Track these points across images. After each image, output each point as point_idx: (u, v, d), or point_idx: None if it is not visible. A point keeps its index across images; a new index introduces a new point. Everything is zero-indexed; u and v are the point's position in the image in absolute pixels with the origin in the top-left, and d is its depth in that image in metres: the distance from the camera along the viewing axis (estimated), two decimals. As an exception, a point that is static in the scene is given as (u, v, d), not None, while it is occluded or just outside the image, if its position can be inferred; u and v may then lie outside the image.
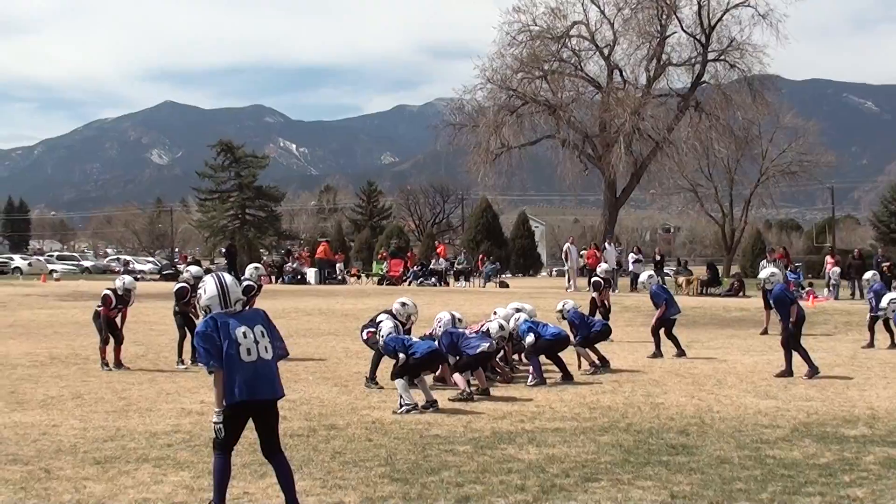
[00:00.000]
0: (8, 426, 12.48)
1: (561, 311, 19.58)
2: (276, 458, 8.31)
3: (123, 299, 19.35)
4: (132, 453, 11.05)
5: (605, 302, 24.57)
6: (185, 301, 19.45)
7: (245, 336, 8.09)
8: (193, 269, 21.08)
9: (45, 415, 13.66)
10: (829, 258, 47.40)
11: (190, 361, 19.13)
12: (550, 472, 10.10)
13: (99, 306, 19.32)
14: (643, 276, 23.01)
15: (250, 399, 8.06)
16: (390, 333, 14.99)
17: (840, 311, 33.16)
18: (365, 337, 16.64)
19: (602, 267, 26.55)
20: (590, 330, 19.20)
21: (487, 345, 15.54)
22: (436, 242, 69.38)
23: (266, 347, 8.21)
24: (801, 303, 25.60)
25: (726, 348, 22.89)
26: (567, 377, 17.14)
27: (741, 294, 42.94)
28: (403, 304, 16.49)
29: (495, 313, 18.50)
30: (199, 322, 8.40)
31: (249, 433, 8.52)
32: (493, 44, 62.18)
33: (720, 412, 13.87)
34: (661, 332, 21.18)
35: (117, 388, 16.28)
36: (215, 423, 8.14)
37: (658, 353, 20.87)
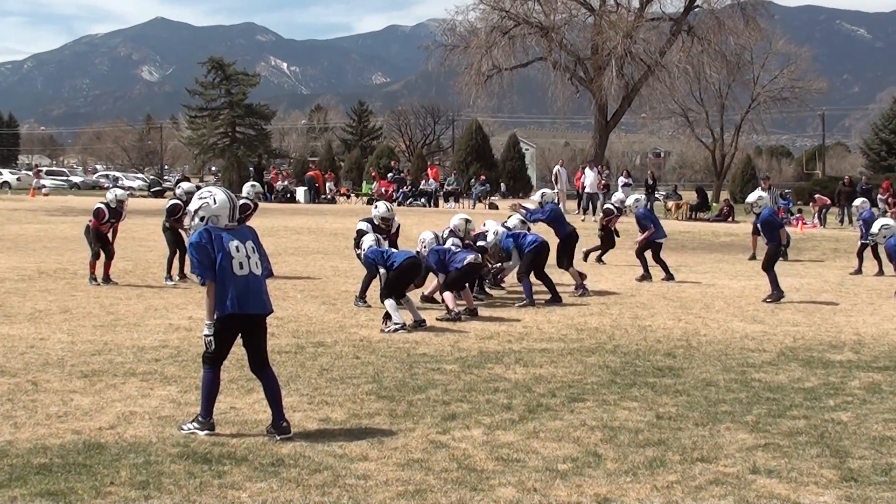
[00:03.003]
0: (-5, 339, 12.49)
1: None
2: (264, 372, 8.44)
3: (116, 212, 19.22)
4: (119, 367, 11.07)
5: (613, 229, 24.19)
6: (176, 217, 19.35)
7: (238, 250, 8.21)
8: (185, 185, 20.87)
9: (33, 328, 13.66)
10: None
11: (178, 277, 19.14)
12: (537, 391, 10.14)
13: (91, 220, 19.21)
14: (629, 200, 22.86)
15: (241, 312, 8.17)
16: (371, 247, 14.99)
17: (828, 238, 33.26)
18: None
19: (617, 196, 26.42)
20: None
21: (473, 256, 15.52)
22: (427, 164, 69.02)
23: (256, 263, 8.34)
24: (790, 229, 25.65)
25: (714, 273, 22.94)
26: (555, 299, 17.15)
27: (730, 219, 43.03)
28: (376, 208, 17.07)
29: (484, 224, 18.55)
30: (193, 233, 8.41)
31: (237, 349, 8.54)
32: (488, -37, 61.47)
33: (707, 335, 13.93)
34: (649, 255, 21.20)
35: (105, 302, 16.27)
36: (206, 335, 8.22)
37: (647, 276, 20.88)
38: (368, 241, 15.25)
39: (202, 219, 8.34)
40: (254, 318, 8.35)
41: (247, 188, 21.42)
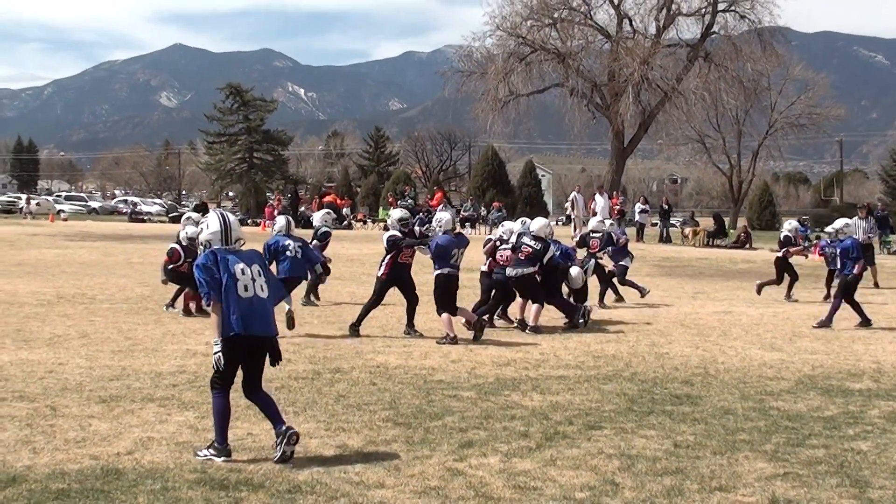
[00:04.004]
0: (15, 363, 12.52)
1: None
2: (258, 395, 8.66)
3: (190, 251, 18.63)
4: (137, 393, 11.09)
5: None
6: (176, 265, 19.08)
7: (243, 273, 8.42)
8: (190, 229, 20.07)
9: (52, 353, 13.70)
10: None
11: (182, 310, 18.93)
12: (554, 419, 10.12)
13: (165, 259, 19.31)
14: (592, 223, 22.77)
15: (245, 333, 8.31)
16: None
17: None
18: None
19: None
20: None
21: (447, 270, 15.76)
22: (434, 189, 68.92)
23: (262, 286, 8.54)
24: (809, 255, 25.54)
25: (732, 300, 22.88)
26: (573, 325, 17.17)
27: (748, 246, 42.93)
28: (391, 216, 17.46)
29: (502, 225, 18.68)
30: (200, 255, 8.66)
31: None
32: (504, -10, 61.65)
33: (725, 363, 13.88)
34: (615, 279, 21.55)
35: (123, 328, 16.32)
36: (215, 352, 8.38)
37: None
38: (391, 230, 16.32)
39: (202, 244, 8.64)
40: (258, 339, 8.46)
41: (322, 216, 21.47)
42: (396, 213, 17.25)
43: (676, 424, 9.95)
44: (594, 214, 43.64)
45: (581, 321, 17.35)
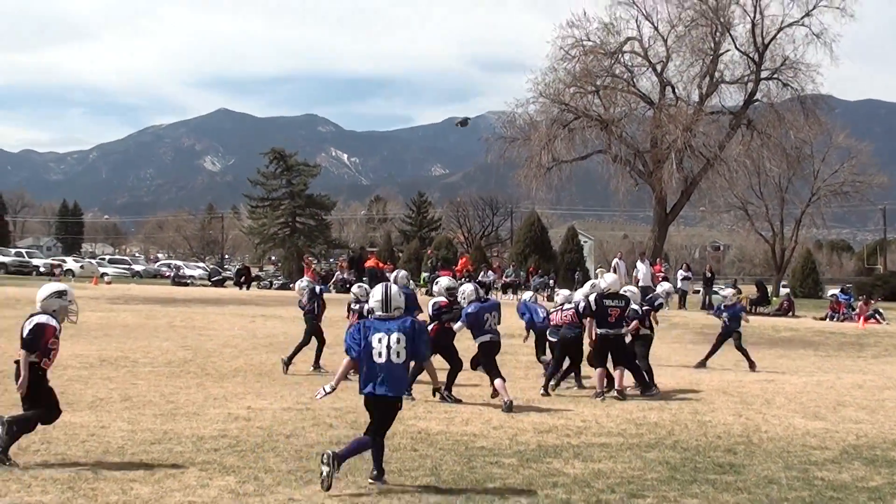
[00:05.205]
0: (57, 426, 12.57)
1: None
2: (375, 440, 9.96)
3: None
4: (179, 456, 11.12)
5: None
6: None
7: (380, 342, 9.80)
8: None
9: (94, 416, 13.77)
10: None
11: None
12: (596, 487, 10.05)
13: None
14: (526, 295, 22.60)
15: (367, 392, 9.84)
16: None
17: (890, 334, 32.81)
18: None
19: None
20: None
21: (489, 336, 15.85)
22: (460, 255, 68.73)
23: (399, 353, 9.82)
24: (852, 324, 25.36)
25: (775, 368, 22.71)
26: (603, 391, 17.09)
27: (791, 314, 42.64)
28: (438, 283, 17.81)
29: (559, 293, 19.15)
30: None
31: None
32: (546, 58, 61.97)
33: (768, 432, 13.76)
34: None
35: (165, 391, 16.38)
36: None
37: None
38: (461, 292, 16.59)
39: (367, 312, 10.65)
40: (379, 398, 9.83)
41: (402, 278, 21.49)
42: (445, 282, 17.33)
43: (720, 493, 9.86)
44: (637, 282, 43.47)
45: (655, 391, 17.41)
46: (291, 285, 55.77)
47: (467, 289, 16.45)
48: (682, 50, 59.32)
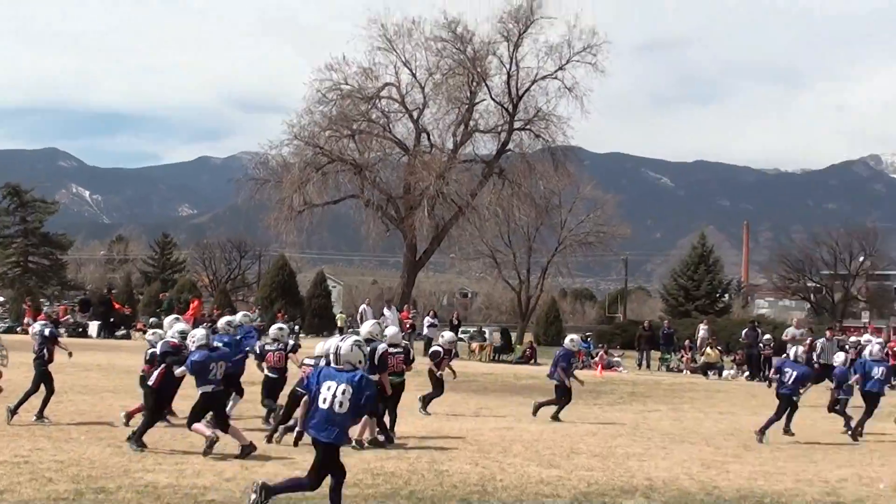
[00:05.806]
0: None
1: None
2: (332, 487, 10.97)
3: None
4: None
5: (442, 373, 22.32)
6: None
7: (328, 389, 10.72)
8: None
9: None
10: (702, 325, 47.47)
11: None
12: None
13: None
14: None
15: (306, 432, 10.91)
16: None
17: (626, 382, 33.86)
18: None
19: (445, 337, 23.22)
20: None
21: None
22: (191, 298, 67.30)
23: (342, 403, 10.67)
24: (589, 372, 25.97)
25: (515, 415, 22.99)
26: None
27: (533, 361, 43.55)
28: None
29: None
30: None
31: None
32: (303, 100, 61.96)
33: (503, 480, 13.84)
34: None
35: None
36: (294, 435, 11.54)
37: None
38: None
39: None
40: (316, 441, 10.80)
41: (274, 331, 19.96)
42: (448, 335, 19.72)
43: (450, 545, 9.80)
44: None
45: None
46: (18, 328, 53.42)
47: (198, 333, 15.91)
48: (439, 98, 60.33)
